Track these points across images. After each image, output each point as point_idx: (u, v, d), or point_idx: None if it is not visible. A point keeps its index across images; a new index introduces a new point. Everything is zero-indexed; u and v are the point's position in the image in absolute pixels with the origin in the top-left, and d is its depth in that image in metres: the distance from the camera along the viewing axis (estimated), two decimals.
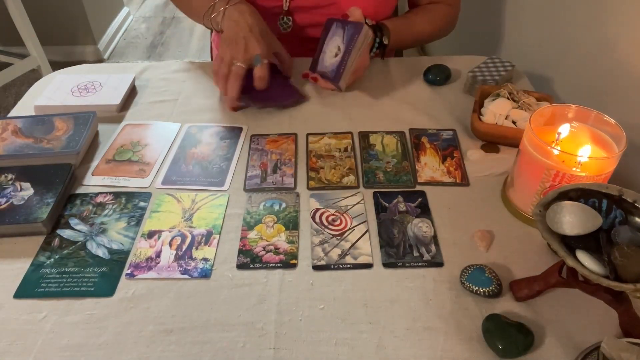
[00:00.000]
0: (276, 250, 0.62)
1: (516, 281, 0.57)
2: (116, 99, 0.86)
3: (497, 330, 0.51)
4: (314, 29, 0.84)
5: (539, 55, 1.12)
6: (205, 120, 0.84)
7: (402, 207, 0.67)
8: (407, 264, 0.60)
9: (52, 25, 2.56)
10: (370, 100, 0.87)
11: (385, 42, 0.89)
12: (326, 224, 0.65)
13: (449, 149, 0.77)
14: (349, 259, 0.61)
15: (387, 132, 0.80)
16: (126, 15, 3.08)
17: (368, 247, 0.62)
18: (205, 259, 0.61)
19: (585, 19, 0.94)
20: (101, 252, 0.62)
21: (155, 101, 0.89)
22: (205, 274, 0.59)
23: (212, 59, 1.13)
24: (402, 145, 0.78)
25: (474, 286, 0.56)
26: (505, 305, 0.56)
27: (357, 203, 0.68)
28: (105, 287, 0.58)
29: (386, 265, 0.60)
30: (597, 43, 0.91)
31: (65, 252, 0.62)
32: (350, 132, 0.80)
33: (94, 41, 2.68)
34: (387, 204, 0.68)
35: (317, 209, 0.67)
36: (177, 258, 0.61)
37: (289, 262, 0.60)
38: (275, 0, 0.92)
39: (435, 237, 0.63)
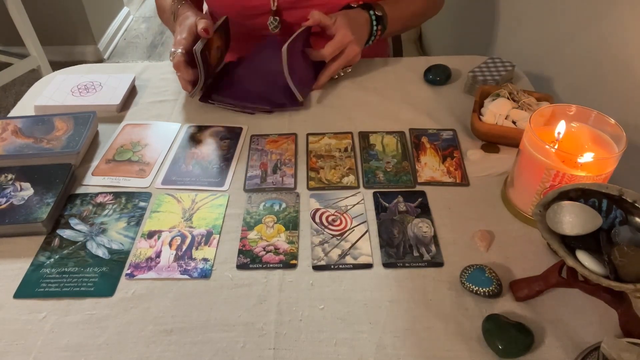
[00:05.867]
0: (276, 251, 0.62)
1: (516, 281, 0.57)
2: (116, 99, 0.86)
3: (497, 330, 0.51)
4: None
5: (539, 55, 1.12)
6: (205, 120, 0.84)
7: (402, 207, 0.67)
8: (407, 264, 0.60)
9: (52, 25, 2.56)
10: (370, 100, 0.87)
11: (379, 13, 0.89)
12: (326, 224, 0.65)
13: (449, 149, 0.77)
14: (349, 259, 0.61)
15: (387, 132, 0.80)
16: (126, 15, 3.08)
17: (368, 247, 0.62)
18: (205, 259, 0.61)
19: (586, 19, 0.94)
20: (101, 252, 0.62)
21: (155, 101, 0.89)
22: (205, 274, 0.59)
23: None
24: (402, 145, 0.78)
25: (474, 286, 0.56)
26: (505, 305, 0.55)
27: (357, 203, 0.68)
28: (105, 287, 0.58)
29: (386, 265, 0.60)
30: (598, 43, 0.91)
31: (65, 252, 0.62)
32: (350, 132, 0.80)
33: (94, 41, 2.68)
34: (387, 204, 0.68)
35: (317, 209, 0.67)
36: (177, 258, 0.61)
37: (289, 262, 0.60)
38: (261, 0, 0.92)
39: (435, 237, 0.63)
